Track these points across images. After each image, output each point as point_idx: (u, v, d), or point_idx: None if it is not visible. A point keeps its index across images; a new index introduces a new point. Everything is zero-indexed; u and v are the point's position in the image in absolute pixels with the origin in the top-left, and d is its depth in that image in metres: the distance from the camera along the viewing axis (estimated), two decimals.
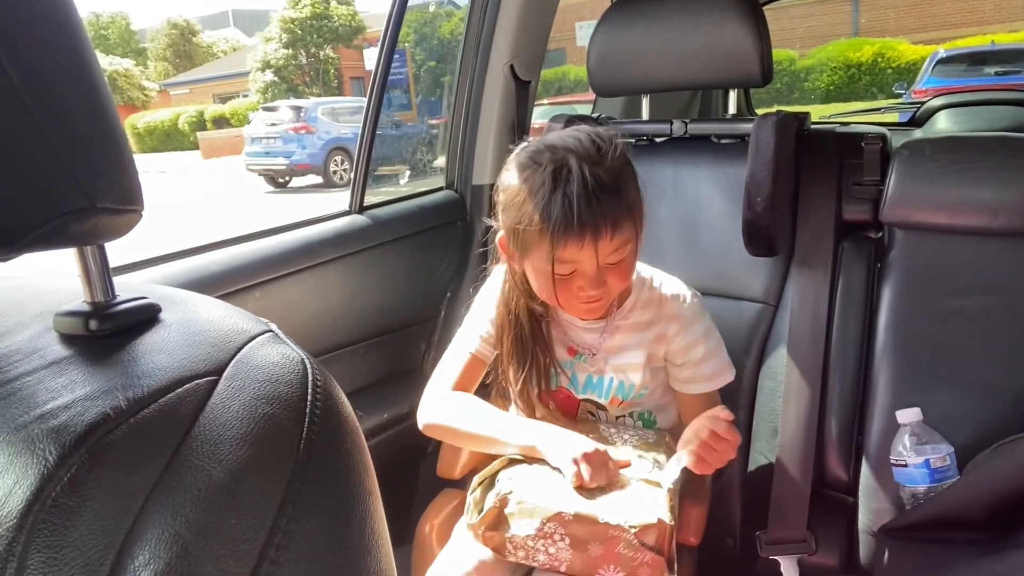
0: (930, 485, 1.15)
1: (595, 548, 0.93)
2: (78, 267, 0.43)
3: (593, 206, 0.92)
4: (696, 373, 1.13)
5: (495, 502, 0.96)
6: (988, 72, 7.47)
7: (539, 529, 0.93)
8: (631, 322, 1.12)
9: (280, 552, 0.33)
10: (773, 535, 1.28)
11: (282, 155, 11.95)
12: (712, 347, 1.13)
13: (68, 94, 0.38)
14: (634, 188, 0.98)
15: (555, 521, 0.93)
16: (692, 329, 1.12)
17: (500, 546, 0.96)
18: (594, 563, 0.93)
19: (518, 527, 0.94)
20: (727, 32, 1.33)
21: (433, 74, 11.18)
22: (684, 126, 1.50)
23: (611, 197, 0.93)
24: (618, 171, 0.96)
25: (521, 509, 0.95)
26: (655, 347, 1.12)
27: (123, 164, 0.40)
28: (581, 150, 0.94)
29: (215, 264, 1.22)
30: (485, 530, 0.96)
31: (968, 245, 1.24)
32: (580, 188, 0.92)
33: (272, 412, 0.36)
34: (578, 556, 0.93)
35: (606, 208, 0.93)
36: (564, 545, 0.93)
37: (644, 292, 1.13)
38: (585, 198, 0.92)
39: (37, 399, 0.35)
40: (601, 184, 0.93)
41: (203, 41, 33.92)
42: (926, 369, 1.24)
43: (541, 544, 0.94)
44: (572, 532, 0.93)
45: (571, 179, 0.92)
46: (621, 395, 1.13)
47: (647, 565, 0.92)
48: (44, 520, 0.31)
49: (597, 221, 0.93)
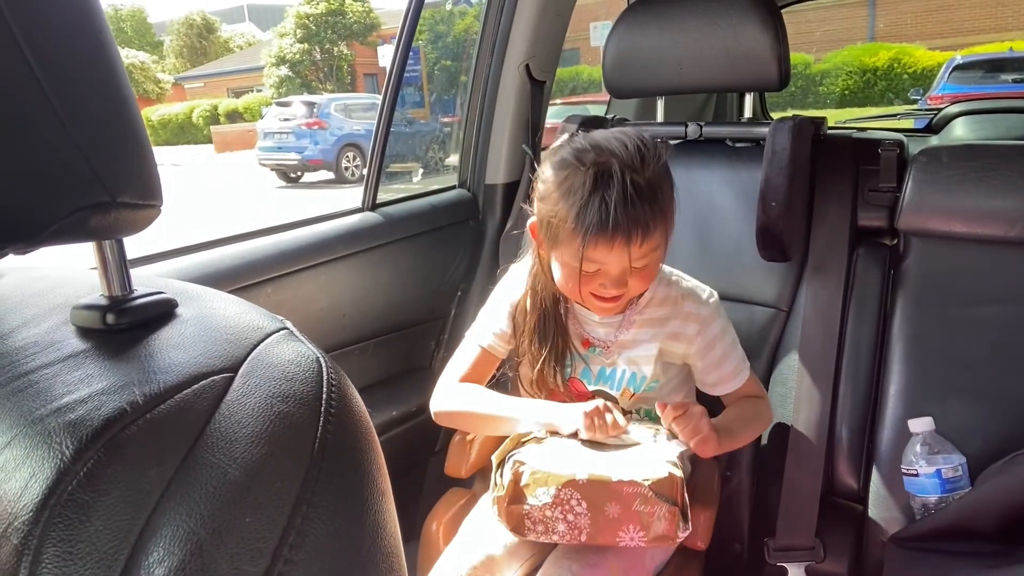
0: (941, 495, 1.14)
1: (612, 508, 0.94)
2: (96, 261, 0.43)
3: (629, 212, 0.95)
4: (720, 374, 1.15)
5: (511, 475, 0.97)
6: (1005, 79, 7.42)
7: (555, 496, 0.95)
8: (646, 317, 1.13)
9: (294, 551, 0.33)
10: (781, 542, 1.27)
11: (294, 150, 11.99)
12: (728, 345, 1.15)
13: (90, 89, 0.38)
14: (669, 196, 1.00)
15: (570, 487, 0.95)
16: (710, 328, 1.12)
17: (519, 523, 0.97)
18: (613, 526, 0.95)
19: (534, 498, 0.96)
20: (744, 35, 1.32)
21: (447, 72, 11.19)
22: (699, 129, 1.49)
23: (647, 204, 0.96)
24: (658, 180, 0.98)
25: (535, 479, 0.96)
26: (671, 343, 1.13)
27: (143, 159, 0.40)
28: (626, 156, 0.96)
29: (228, 258, 1.22)
30: (508, 504, 0.97)
31: (985, 254, 1.23)
32: (619, 194, 0.94)
33: (287, 410, 0.36)
34: (597, 521, 0.95)
35: (640, 215, 0.95)
36: (582, 510, 0.95)
37: (661, 289, 1.14)
38: (623, 204, 0.94)
39: (54, 392, 0.35)
40: (639, 192, 0.95)
41: (221, 37, 34.05)
42: (939, 378, 1.23)
43: (559, 512, 0.95)
44: (588, 495, 0.95)
45: (612, 184, 0.95)
46: (632, 387, 1.14)
47: (664, 519, 0.94)
48: (60, 514, 0.31)
49: (630, 227, 0.95)
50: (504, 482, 0.98)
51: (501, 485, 0.99)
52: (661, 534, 0.95)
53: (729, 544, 1.32)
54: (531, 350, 1.14)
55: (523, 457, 0.99)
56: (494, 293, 1.22)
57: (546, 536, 0.98)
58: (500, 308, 1.18)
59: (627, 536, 0.95)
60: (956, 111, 2.85)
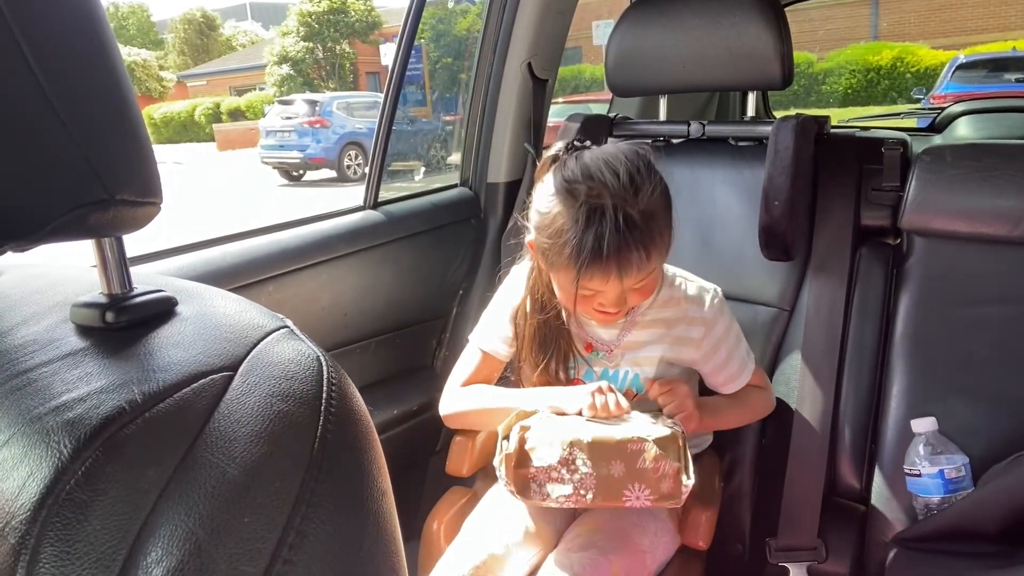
0: (944, 496, 1.14)
1: (617, 466, 0.95)
2: (95, 258, 0.43)
3: (622, 246, 0.95)
4: (728, 373, 1.16)
5: (517, 439, 0.99)
6: (1008, 79, 7.41)
7: (560, 457, 0.96)
8: (649, 319, 1.13)
9: (293, 552, 0.33)
10: (783, 542, 1.27)
11: (296, 149, 12.00)
12: (733, 344, 1.15)
13: (89, 86, 0.38)
14: (665, 220, 1.00)
15: (575, 447, 0.96)
16: (715, 330, 1.13)
17: (525, 485, 0.98)
18: (618, 485, 0.96)
19: (539, 458, 0.97)
20: (748, 33, 1.32)
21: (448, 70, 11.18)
22: (702, 128, 1.49)
23: (640, 238, 0.95)
24: (652, 209, 0.97)
25: (541, 441, 0.98)
26: (678, 348, 1.13)
27: (143, 156, 0.40)
28: (617, 187, 0.95)
29: (230, 256, 1.22)
30: (514, 467, 0.98)
31: (988, 254, 1.22)
32: (612, 230, 0.94)
33: (287, 409, 0.36)
34: (602, 480, 0.96)
35: (634, 249, 0.95)
36: (587, 469, 0.96)
37: (664, 290, 1.13)
38: (615, 239, 0.94)
39: (52, 391, 0.35)
40: (632, 226, 0.95)
41: (222, 34, 34.03)
42: (942, 378, 1.22)
43: (565, 472, 0.96)
44: (593, 454, 0.96)
45: (604, 221, 0.94)
46: (636, 388, 1.14)
47: (668, 476, 0.95)
48: (57, 513, 0.30)
49: (623, 261, 0.96)
50: (510, 446, 0.99)
51: (503, 452, 1.00)
52: (666, 492, 0.96)
53: (731, 544, 1.32)
54: (532, 354, 1.14)
55: (528, 423, 1.01)
56: (496, 296, 1.22)
57: (550, 499, 0.98)
58: (501, 311, 1.18)
59: (632, 495, 0.96)
60: (959, 110, 2.84)
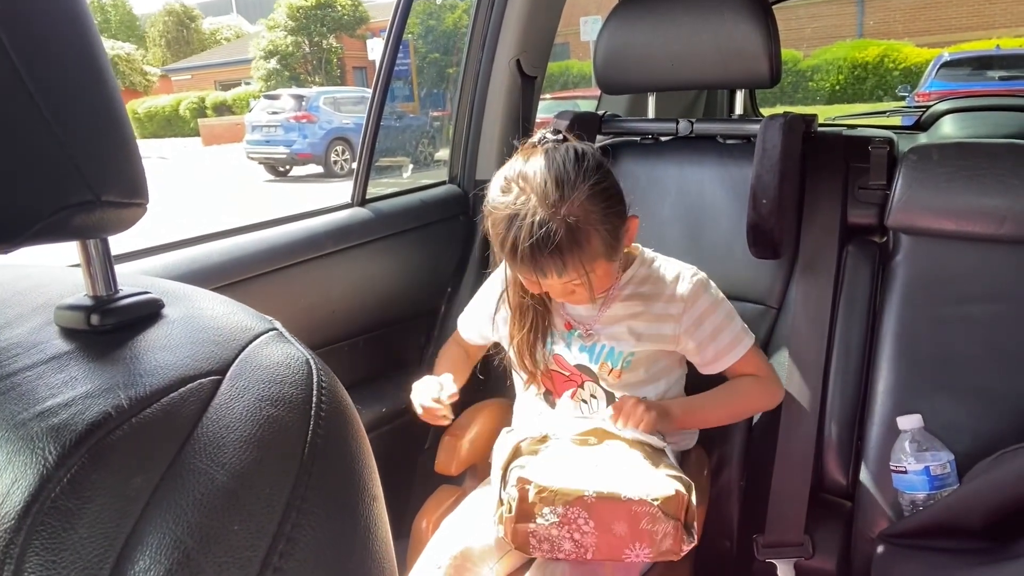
0: (930, 492, 1.15)
1: (620, 527, 0.93)
2: (80, 260, 0.42)
3: (536, 256, 0.98)
4: (717, 348, 1.15)
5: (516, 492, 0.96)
6: (992, 76, 7.47)
7: (563, 516, 0.94)
8: (627, 293, 1.15)
9: (284, 559, 0.32)
10: (770, 538, 1.28)
11: (283, 144, 11.91)
12: (722, 319, 1.15)
13: (74, 85, 0.37)
14: (594, 233, 1.00)
15: (578, 506, 0.93)
16: (696, 305, 1.14)
17: (524, 542, 0.96)
18: (620, 543, 0.94)
19: (542, 517, 0.95)
20: (736, 31, 1.32)
21: (436, 66, 11.14)
22: (690, 125, 1.49)
23: (557, 246, 0.97)
24: (574, 221, 0.98)
25: (542, 498, 0.94)
26: (656, 324, 1.14)
27: (128, 157, 0.39)
28: (542, 193, 0.98)
29: (216, 254, 1.21)
30: (515, 523, 0.95)
31: (974, 252, 1.23)
32: (526, 237, 0.97)
33: (276, 414, 0.36)
34: (603, 539, 0.94)
35: (548, 259, 0.99)
36: (589, 529, 0.94)
37: (643, 269, 1.17)
38: (529, 248, 0.98)
39: (37, 395, 0.34)
40: (548, 236, 0.97)
41: (203, 28, 33.68)
42: (928, 376, 1.23)
43: (566, 532, 0.94)
44: (596, 515, 0.94)
45: (521, 227, 0.98)
46: (611, 362, 1.15)
47: (669, 536, 0.94)
48: (42, 522, 0.30)
49: (539, 267, 1.00)
50: (509, 500, 0.96)
51: (507, 504, 0.97)
52: (666, 550, 0.94)
53: (719, 540, 1.32)
54: (514, 330, 1.18)
55: (527, 473, 0.97)
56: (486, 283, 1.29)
57: (551, 553, 0.96)
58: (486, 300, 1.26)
59: (633, 553, 0.94)
60: (944, 108, 2.85)
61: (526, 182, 1.00)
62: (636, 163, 1.52)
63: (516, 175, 1.02)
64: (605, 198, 1.02)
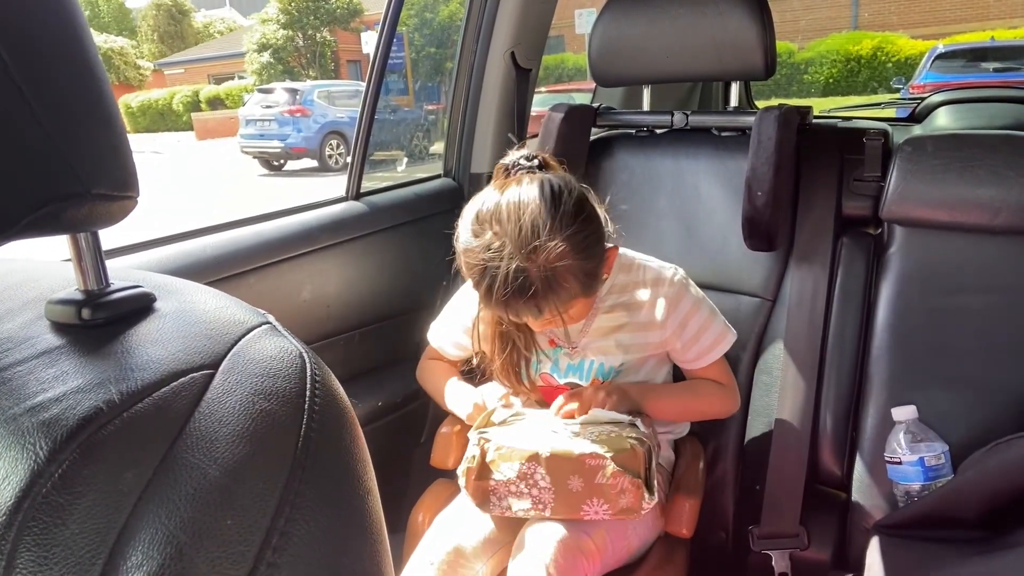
0: (924, 483, 1.15)
1: (575, 482, 0.97)
2: (71, 254, 0.42)
3: (511, 303, 0.96)
4: (700, 347, 1.15)
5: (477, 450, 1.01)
6: (987, 68, 7.47)
7: (519, 471, 0.98)
8: (609, 304, 1.14)
9: (277, 554, 0.32)
10: (766, 529, 1.28)
11: (277, 138, 11.86)
12: (705, 317, 1.15)
13: (63, 76, 0.37)
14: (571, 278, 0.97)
15: (533, 461, 0.98)
16: (679, 307, 1.13)
17: (484, 498, 1.01)
18: (577, 499, 0.97)
19: (499, 473, 0.99)
20: (731, 24, 1.32)
21: (431, 59, 11.10)
22: (685, 118, 1.48)
23: (533, 294, 0.95)
24: (551, 272, 0.94)
25: (500, 455, 0.99)
26: (642, 333, 1.13)
27: (119, 149, 0.39)
28: (518, 240, 0.94)
29: (210, 248, 1.21)
30: (474, 479, 1.00)
31: (968, 243, 1.24)
32: (500, 284, 0.94)
33: (269, 408, 0.35)
34: (560, 494, 0.97)
35: (523, 303, 0.96)
36: (546, 484, 0.98)
37: (621, 276, 1.15)
38: (504, 295, 0.95)
39: (28, 390, 0.34)
40: (524, 285, 0.94)
41: (195, 21, 33.47)
42: (923, 367, 1.23)
43: (524, 487, 0.98)
44: (552, 470, 0.97)
45: (496, 275, 0.95)
46: (601, 376, 1.15)
47: (627, 492, 0.96)
48: (34, 518, 0.30)
49: (515, 311, 0.99)
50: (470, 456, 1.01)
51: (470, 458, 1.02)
52: (625, 507, 0.97)
53: (714, 532, 1.33)
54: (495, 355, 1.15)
55: (488, 434, 1.03)
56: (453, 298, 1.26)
57: (511, 512, 1.00)
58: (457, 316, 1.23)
59: (591, 509, 0.97)
60: (939, 100, 2.85)
61: (500, 226, 0.96)
62: (631, 156, 1.52)
63: (489, 216, 0.98)
64: (583, 244, 0.97)
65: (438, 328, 1.28)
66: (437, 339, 1.28)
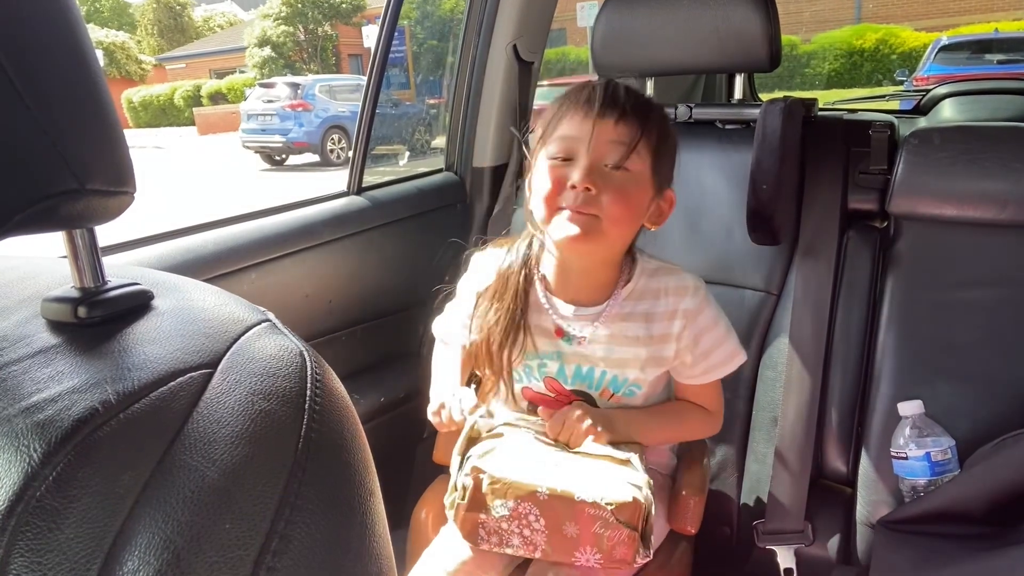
0: (930, 478, 1.14)
1: (571, 528, 0.90)
2: (67, 251, 0.41)
3: (607, 92, 0.98)
4: (708, 364, 1.08)
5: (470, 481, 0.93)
6: (991, 60, 7.45)
7: (513, 510, 0.91)
8: (627, 311, 1.06)
9: (277, 558, 0.32)
10: (771, 525, 1.27)
11: (279, 132, 11.85)
12: (720, 334, 1.08)
13: (57, 70, 0.36)
14: (658, 127, 1.00)
15: (529, 501, 0.91)
16: (697, 322, 1.06)
17: (473, 531, 0.94)
18: (570, 545, 0.91)
19: (492, 509, 0.92)
20: (735, 15, 1.30)
21: (433, 53, 11.06)
22: (689, 110, 1.47)
23: (631, 99, 0.98)
24: (645, 99, 1.01)
25: (494, 490, 0.92)
26: (659, 345, 1.07)
27: (114, 144, 0.38)
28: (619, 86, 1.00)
29: (211, 244, 1.20)
30: (465, 511, 0.93)
31: (976, 237, 1.22)
32: (603, 84, 0.99)
33: (269, 408, 0.35)
34: (553, 539, 0.91)
35: (618, 98, 0.97)
36: (540, 527, 0.91)
37: (642, 280, 1.07)
38: (603, 87, 0.98)
39: (22, 391, 0.33)
40: (628, 90, 0.99)
41: (194, 16, 33.42)
42: (929, 361, 1.23)
43: (516, 527, 0.92)
44: (547, 512, 0.91)
45: (595, 88, 0.99)
46: (613, 388, 1.08)
47: (623, 544, 0.90)
48: (27, 522, 0.29)
49: (606, 104, 0.97)
50: (463, 487, 0.94)
51: (462, 489, 0.94)
52: (618, 558, 0.91)
53: (719, 528, 1.32)
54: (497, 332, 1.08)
55: (482, 463, 0.94)
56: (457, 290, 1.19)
57: (499, 547, 0.94)
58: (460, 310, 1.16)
59: (583, 557, 0.92)
60: (944, 92, 2.84)
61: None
62: None
63: None
64: (670, 139, 1.03)
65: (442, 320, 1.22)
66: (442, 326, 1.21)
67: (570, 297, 1.07)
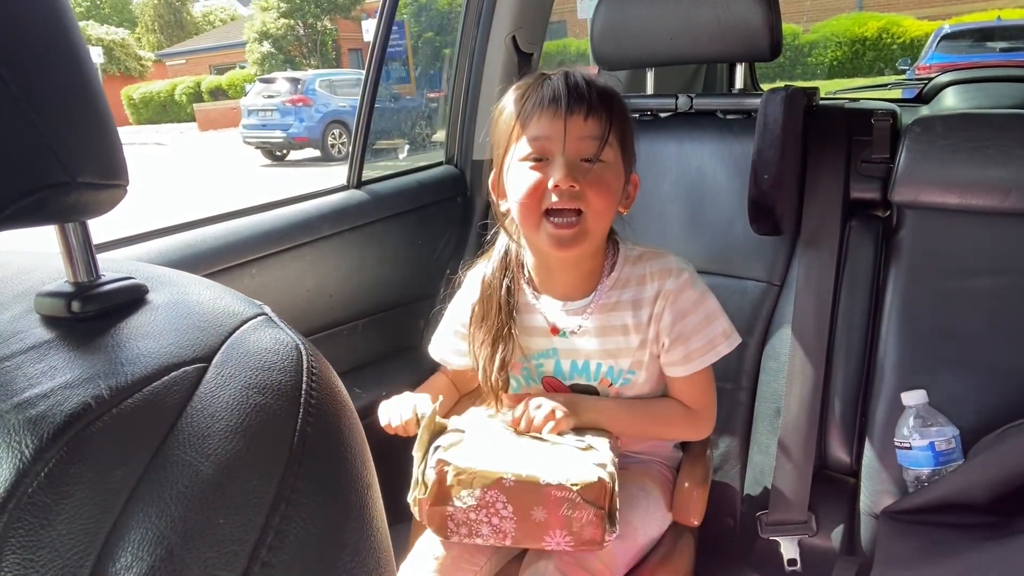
0: (934, 468, 1.14)
1: (538, 512, 0.91)
2: (59, 245, 0.40)
3: (570, 88, 0.97)
4: (688, 350, 1.05)
5: (434, 475, 0.93)
6: (993, 48, 7.41)
7: (480, 499, 0.91)
8: (614, 300, 1.06)
9: (272, 553, 0.31)
10: (774, 516, 1.27)
11: (279, 128, 11.83)
12: (700, 320, 1.05)
13: (47, 62, 0.35)
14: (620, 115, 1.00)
15: (496, 488, 0.91)
16: (679, 302, 1.05)
17: (442, 525, 0.94)
18: (539, 530, 0.91)
19: (459, 500, 0.92)
20: (736, 4, 1.30)
21: (431, 45, 11.03)
22: (689, 101, 1.46)
23: (593, 91, 0.97)
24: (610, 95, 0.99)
25: (460, 480, 0.91)
26: (648, 330, 1.06)
27: (105, 137, 0.38)
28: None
29: (211, 239, 1.20)
30: (430, 505, 0.93)
31: (979, 225, 1.22)
32: (562, 78, 0.98)
33: (264, 402, 0.34)
34: (522, 525, 0.91)
35: (584, 94, 0.97)
36: (508, 513, 0.91)
37: (627, 268, 1.07)
38: (565, 83, 0.98)
39: (15, 386, 0.33)
40: (588, 82, 0.98)
41: (194, 11, 33.37)
42: (933, 351, 1.22)
43: (484, 515, 0.92)
44: (514, 498, 0.91)
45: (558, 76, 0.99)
46: (611, 379, 1.08)
47: (591, 524, 0.90)
48: (19, 518, 0.29)
49: (572, 100, 0.96)
50: (427, 482, 0.93)
51: (423, 485, 0.94)
52: (588, 539, 0.91)
53: (722, 519, 1.32)
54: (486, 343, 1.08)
55: (447, 456, 0.94)
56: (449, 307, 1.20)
57: (470, 538, 0.94)
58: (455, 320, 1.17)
59: (553, 540, 0.92)
60: (946, 80, 2.83)
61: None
62: (635, 140, 1.50)
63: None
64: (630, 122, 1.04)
65: (436, 339, 1.21)
66: (437, 351, 1.20)
67: (558, 292, 1.08)
